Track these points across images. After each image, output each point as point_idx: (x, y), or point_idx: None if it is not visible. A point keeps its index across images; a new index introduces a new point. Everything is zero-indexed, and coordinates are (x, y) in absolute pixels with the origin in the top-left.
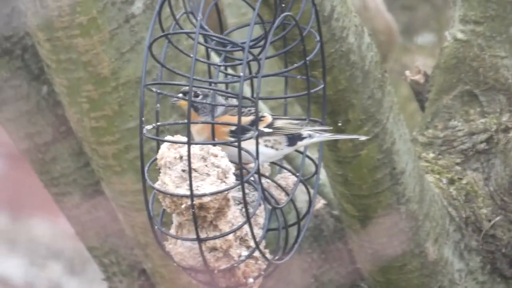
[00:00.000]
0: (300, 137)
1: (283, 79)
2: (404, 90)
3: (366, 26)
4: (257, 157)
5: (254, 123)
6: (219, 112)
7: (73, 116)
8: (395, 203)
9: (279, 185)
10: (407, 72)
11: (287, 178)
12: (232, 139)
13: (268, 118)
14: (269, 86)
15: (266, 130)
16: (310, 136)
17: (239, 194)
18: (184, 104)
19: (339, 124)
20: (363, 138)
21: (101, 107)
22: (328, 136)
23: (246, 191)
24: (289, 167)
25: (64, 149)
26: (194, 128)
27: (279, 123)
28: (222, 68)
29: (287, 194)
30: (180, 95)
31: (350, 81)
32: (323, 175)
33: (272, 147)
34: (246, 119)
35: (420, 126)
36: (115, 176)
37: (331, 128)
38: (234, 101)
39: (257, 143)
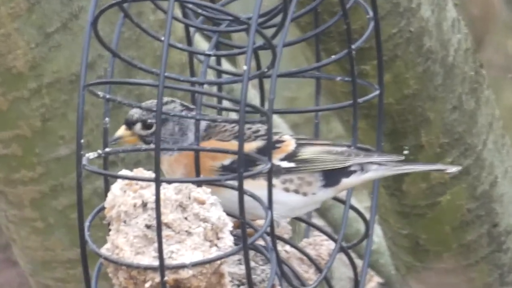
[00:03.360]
0: (345, 172)
1: (312, 81)
2: (511, 96)
3: None
4: (269, 207)
5: (265, 151)
6: (197, 136)
7: None
8: (496, 283)
9: (306, 255)
10: None
11: (319, 245)
12: (229, 175)
13: (290, 143)
14: (290, 91)
15: (285, 164)
16: (362, 169)
17: (240, 269)
18: (131, 141)
19: (405, 152)
20: (454, 169)
21: (13, 123)
22: (394, 169)
23: (252, 263)
24: (321, 224)
25: None
26: (164, 160)
27: (307, 152)
28: (212, 59)
29: (318, 269)
30: (121, 129)
31: (423, 81)
32: (377, 236)
33: (296, 191)
34: (250, 146)
35: None
36: (36, 236)
37: (400, 157)
38: (230, 115)
39: (270, 184)
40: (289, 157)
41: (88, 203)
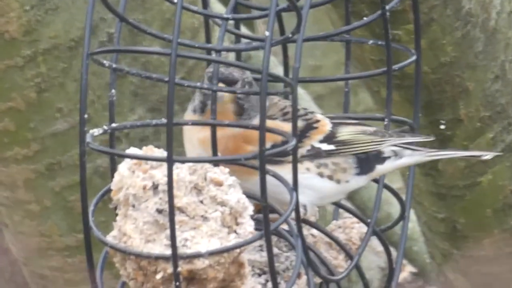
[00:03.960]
0: (379, 158)
1: (338, 48)
2: None
3: None
4: (294, 188)
5: (304, 130)
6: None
7: None
8: None
9: (334, 240)
10: None
11: (349, 228)
12: (250, 154)
13: (325, 123)
14: (315, 58)
15: (326, 147)
16: (396, 154)
17: (261, 257)
18: (228, 100)
19: (442, 127)
20: (489, 156)
21: (5, 95)
22: (428, 155)
23: (275, 250)
24: (351, 207)
25: None
26: (192, 134)
27: (344, 132)
28: (229, 24)
29: (349, 256)
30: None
31: (462, 48)
32: (411, 221)
33: (330, 177)
34: (289, 125)
35: None
36: (30, 220)
37: (431, 137)
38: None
39: (295, 162)
40: (328, 139)
41: (89, 184)
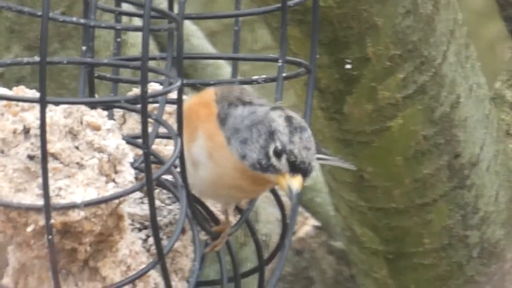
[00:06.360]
0: None
1: None
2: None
3: None
4: (179, 134)
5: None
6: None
7: None
8: (458, 226)
9: None
10: None
11: None
12: (131, 96)
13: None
14: None
15: None
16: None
17: (142, 210)
18: None
19: (348, 67)
20: (351, 166)
21: None
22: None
23: (157, 203)
24: None
25: None
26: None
27: None
28: None
29: (238, 210)
30: None
31: None
32: (315, 169)
33: None
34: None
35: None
36: None
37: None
38: (133, 22)
39: (180, 102)
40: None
41: None
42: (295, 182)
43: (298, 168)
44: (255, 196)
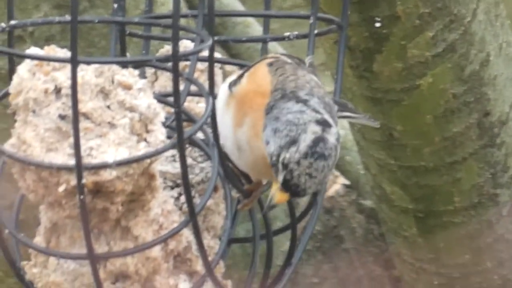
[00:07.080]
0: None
1: None
2: None
3: None
4: (210, 93)
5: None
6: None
7: None
8: (488, 184)
9: None
10: None
11: None
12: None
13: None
14: None
15: None
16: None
17: (174, 168)
18: None
19: (377, 25)
20: (375, 123)
21: None
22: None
23: (189, 160)
24: None
25: None
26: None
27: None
28: None
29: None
30: None
31: None
32: (343, 128)
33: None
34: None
35: None
36: None
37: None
38: None
39: (212, 62)
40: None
41: None
42: (279, 196)
43: (289, 188)
44: None
